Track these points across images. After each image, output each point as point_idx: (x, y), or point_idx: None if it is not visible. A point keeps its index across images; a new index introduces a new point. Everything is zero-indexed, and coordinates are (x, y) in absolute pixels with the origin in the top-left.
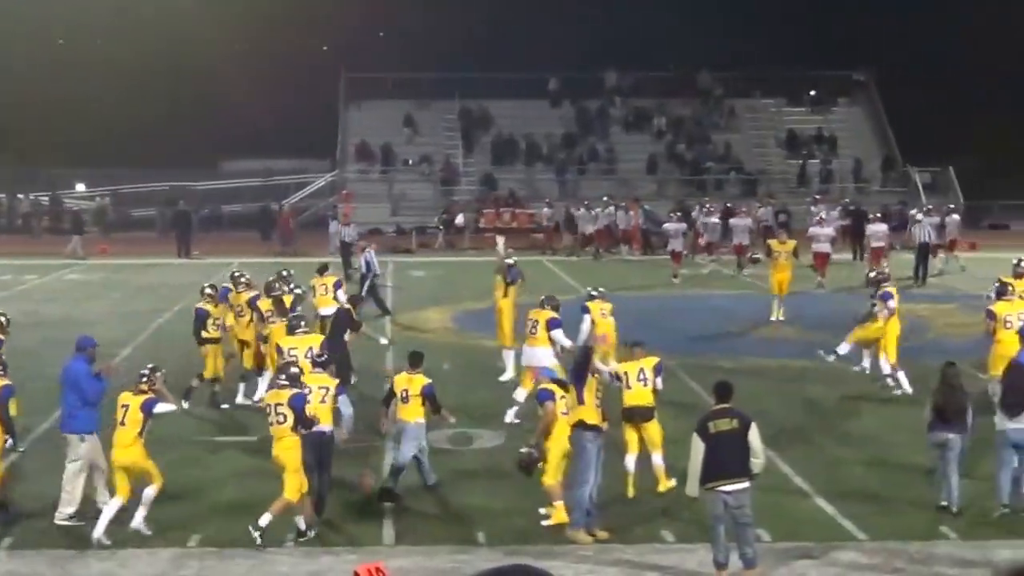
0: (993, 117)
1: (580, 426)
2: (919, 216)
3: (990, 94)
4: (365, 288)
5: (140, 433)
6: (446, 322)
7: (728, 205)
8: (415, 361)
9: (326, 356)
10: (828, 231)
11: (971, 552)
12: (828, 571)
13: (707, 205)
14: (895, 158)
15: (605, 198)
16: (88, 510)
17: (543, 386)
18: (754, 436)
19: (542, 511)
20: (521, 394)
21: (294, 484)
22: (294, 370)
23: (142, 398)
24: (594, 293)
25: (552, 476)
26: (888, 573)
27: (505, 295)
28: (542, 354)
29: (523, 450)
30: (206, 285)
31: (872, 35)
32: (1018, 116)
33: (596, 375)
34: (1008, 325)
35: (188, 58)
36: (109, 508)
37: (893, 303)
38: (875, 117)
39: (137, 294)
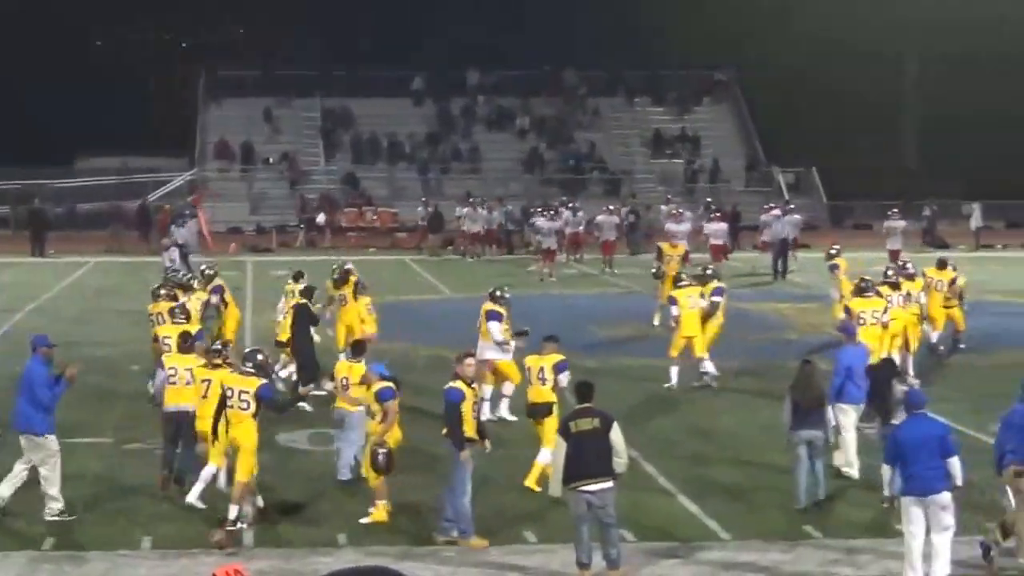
0: (856, 117)
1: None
2: (777, 213)
3: (851, 95)
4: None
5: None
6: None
7: (611, 207)
8: (357, 350)
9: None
10: (684, 228)
11: (835, 551)
12: (693, 570)
13: (571, 204)
14: (759, 158)
15: (472, 199)
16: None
17: (383, 385)
18: (616, 435)
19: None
20: (508, 388)
21: (247, 466)
22: (260, 357)
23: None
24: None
25: (377, 476)
26: (753, 572)
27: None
28: (483, 347)
29: (380, 451)
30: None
31: (735, 34)
32: (879, 117)
33: (474, 387)
34: (862, 321)
35: None
36: (205, 473)
37: (719, 298)
38: (739, 117)
39: None
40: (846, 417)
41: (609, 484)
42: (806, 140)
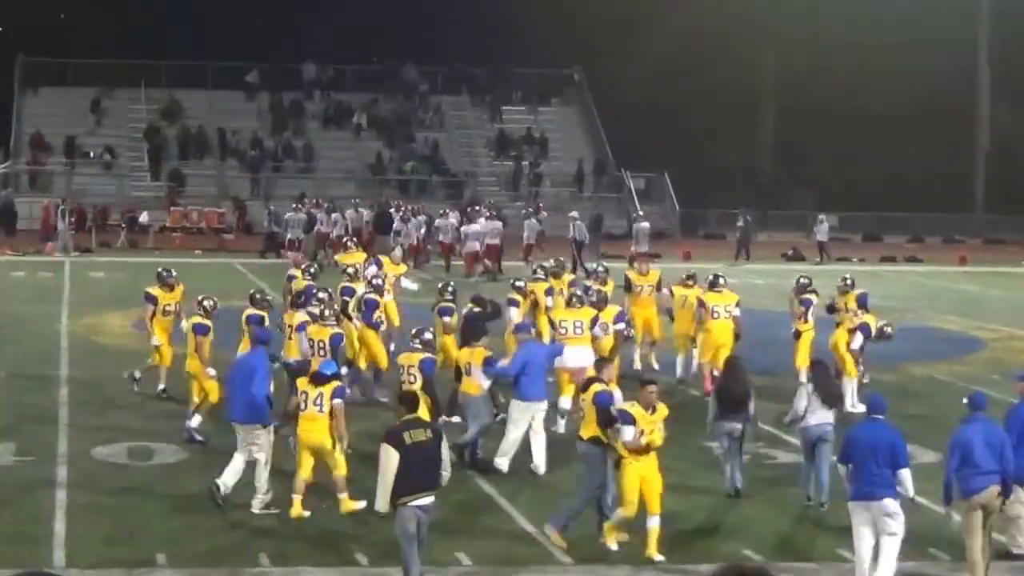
0: (711, 121)
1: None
2: (572, 214)
3: (704, 100)
4: None
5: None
6: (127, 328)
7: (477, 208)
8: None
9: None
10: (477, 228)
11: None
12: None
13: (405, 207)
14: (608, 161)
15: (306, 199)
16: None
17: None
18: (445, 447)
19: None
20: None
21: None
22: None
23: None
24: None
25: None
26: None
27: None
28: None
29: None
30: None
31: (585, 32)
32: (732, 123)
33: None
34: (715, 315)
35: None
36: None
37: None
38: (588, 118)
39: None
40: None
41: (433, 498)
42: (659, 144)
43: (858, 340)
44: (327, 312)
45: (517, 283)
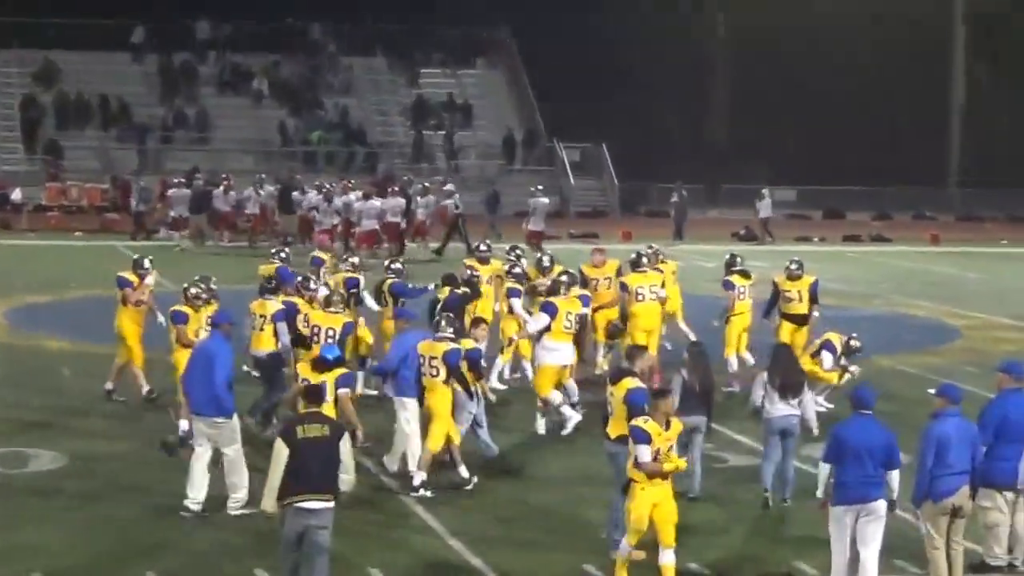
0: (656, 88)
1: None
2: (448, 187)
3: (648, 62)
4: None
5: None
6: None
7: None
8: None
9: None
10: (376, 204)
11: None
12: None
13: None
14: (539, 131)
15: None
16: None
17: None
18: (346, 447)
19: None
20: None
21: (440, 433)
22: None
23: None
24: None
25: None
26: None
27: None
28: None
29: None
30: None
31: None
32: (679, 88)
33: None
34: (640, 298)
35: None
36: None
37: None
38: (517, 83)
39: None
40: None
41: (332, 504)
42: (597, 112)
43: (827, 361)
44: (335, 298)
45: (515, 270)
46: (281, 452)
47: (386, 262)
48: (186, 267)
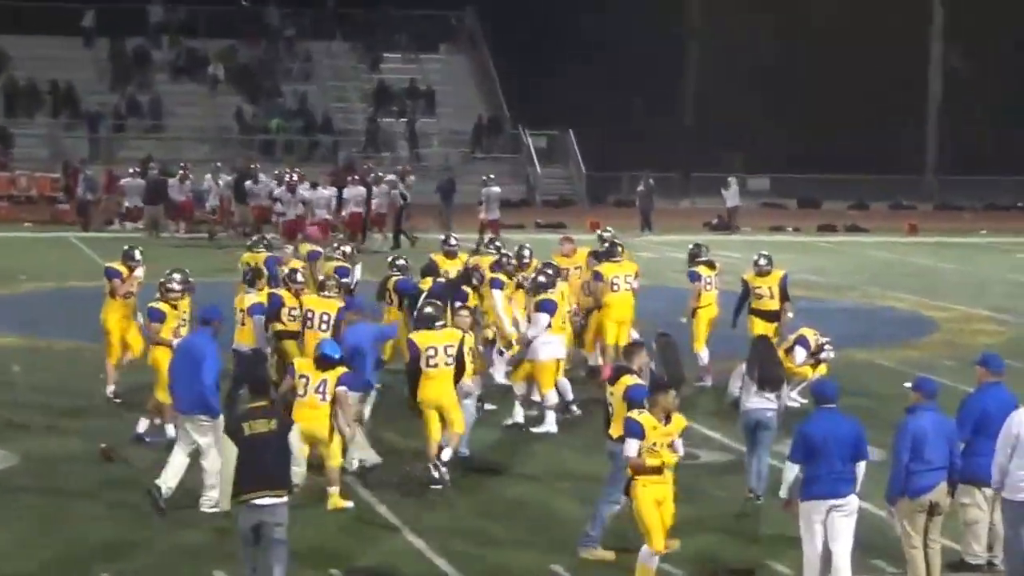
0: (621, 73)
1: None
2: (390, 177)
3: (617, 46)
4: None
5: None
6: None
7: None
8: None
9: None
10: (326, 193)
11: None
12: None
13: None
14: (504, 117)
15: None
16: None
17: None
18: (295, 441)
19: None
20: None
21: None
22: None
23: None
24: None
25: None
26: None
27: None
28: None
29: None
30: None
31: None
32: (649, 73)
33: None
34: (615, 287)
35: None
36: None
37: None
38: (481, 68)
39: None
40: None
41: (285, 498)
42: (563, 98)
43: (800, 356)
44: (330, 283)
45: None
46: (231, 449)
47: (337, 247)
48: (145, 260)
